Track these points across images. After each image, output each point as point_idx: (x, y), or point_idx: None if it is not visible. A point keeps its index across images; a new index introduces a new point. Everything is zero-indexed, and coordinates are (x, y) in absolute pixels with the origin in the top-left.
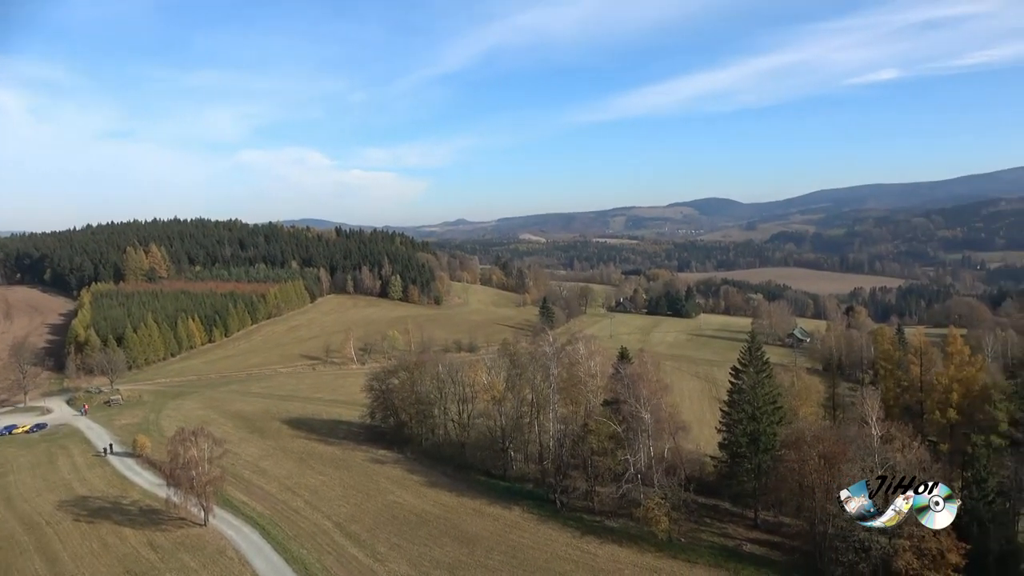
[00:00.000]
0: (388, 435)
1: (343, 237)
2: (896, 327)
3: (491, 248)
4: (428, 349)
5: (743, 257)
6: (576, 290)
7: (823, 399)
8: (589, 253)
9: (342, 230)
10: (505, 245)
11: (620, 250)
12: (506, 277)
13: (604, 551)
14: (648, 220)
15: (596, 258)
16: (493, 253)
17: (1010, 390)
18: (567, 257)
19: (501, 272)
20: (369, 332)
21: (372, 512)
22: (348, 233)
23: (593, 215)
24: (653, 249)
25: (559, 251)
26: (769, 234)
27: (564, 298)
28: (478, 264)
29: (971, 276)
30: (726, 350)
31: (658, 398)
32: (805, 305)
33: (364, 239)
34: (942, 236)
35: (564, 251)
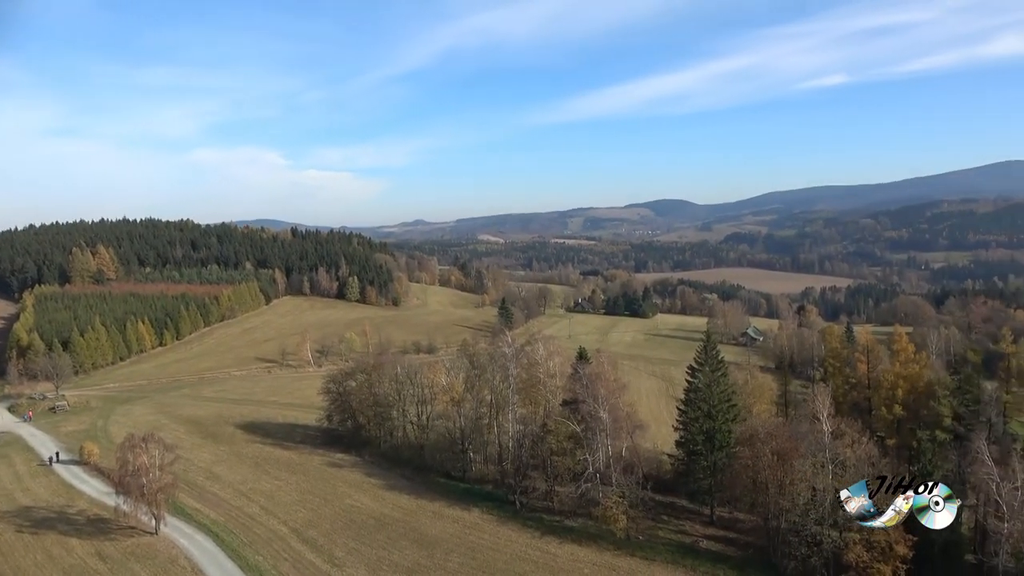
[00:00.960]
0: (346, 438)
1: (299, 238)
2: (845, 326)
3: (450, 249)
4: (386, 351)
5: (698, 258)
6: (535, 291)
7: (776, 396)
8: (548, 254)
9: (298, 231)
10: (464, 246)
11: (578, 251)
12: (465, 278)
13: (563, 551)
14: (606, 221)
15: (555, 259)
16: (452, 254)
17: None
18: (526, 258)
19: (460, 273)
20: (326, 334)
21: (329, 517)
22: (304, 234)
23: (551, 216)
24: (611, 250)
25: (518, 252)
26: (723, 235)
27: (523, 299)
28: (437, 265)
29: (916, 276)
30: (682, 349)
31: (616, 397)
32: (758, 305)
33: (320, 240)
34: (888, 237)
35: (523, 252)
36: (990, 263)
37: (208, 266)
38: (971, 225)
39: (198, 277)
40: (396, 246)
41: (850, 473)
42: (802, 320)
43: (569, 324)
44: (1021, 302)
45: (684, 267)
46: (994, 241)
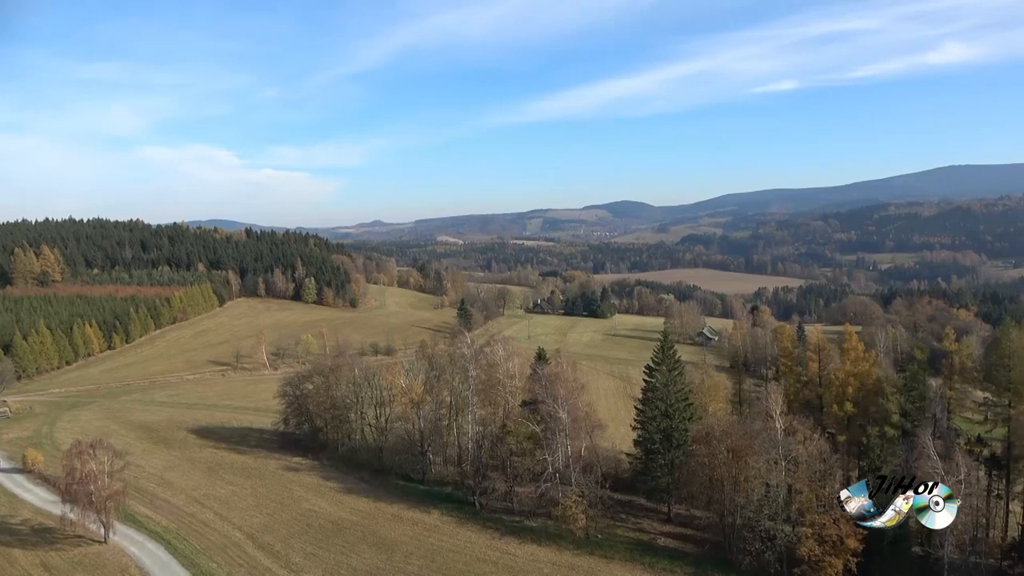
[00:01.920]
0: (303, 442)
1: (254, 238)
2: (797, 325)
3: (408, 250)
4: (344, 353)
5: (655, 258)
6: (494, 292)
7: (730, 395)
8: (507, 255)
9: (252, 231)
10: (423, 247)
11: (537, 252)
12: (424, 279)
13: (523, 551)
14: (564, 222)
15: (514, 260)
16: (410, 255)
17: (900, 383)
18: (485, 259)
19: (419, 274)
20: (282, 336)
21: (286, 521)
22: (259, 234)
23: (510, 217)
24: (569, 251)
25: (477, 253)
26: (680, 236)
27: (482, 300)
28: (395, 266)
29: (864, 276)
30: (640, 349)
31: (575, 397)
32: (713, 305)
33: (276, 241)
34: (838, 239)
35: (482, 253)
36: (934, 264)
37: (159, 267)
38: (916, 227)
39: (148, 279)
40: (354, 247)
41: (802, 469)
42: (756, 320)
43: (528, 325)
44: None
45: (641, 268)
46: (938, 243)
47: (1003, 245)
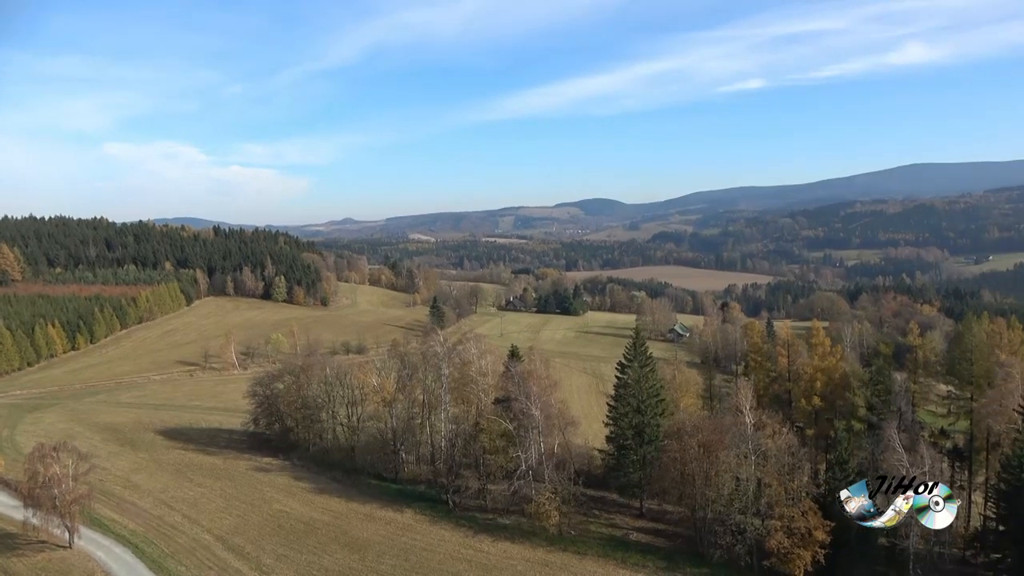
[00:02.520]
0: (273, 442)
1: (222, 236)
2: (766, 321)
3: (380, 248)
4: (315, 352)
5: (627, 256)
6: (466, 289)
7: (701, 391)
8: (479, 252)
9: (221, 229)
10: (394, 245)
11: (509, 249)
12: (396, 277)
13: (497, 548)
14: (536, 220)
15: (486, 257)
16: (382, 253)
17: (866, 377)
18: (457, 256)
19: (390, 272)
20: (251, 335)
21: (257, 523)
22: (227, 232)
23: (482, 215)
24: (542, 248)
25: (449, 251)
26: (651, 234)
27: (454, 298)
28: (366, 264)
29: (831, 273)
30: (612, 346)
31: (548, 395)
32: (684, 301)
33: (245, 239)
34: (806, 236)
35: (454, 250)
36: (899, 260)
37: (124, 266)
38: (881, 224)
39: (114, 278)
40: (324, 245)
41: (771, 463)
42: (726, 316)
43: (501, 322)
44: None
45: (613, 265)
46: (902, 240)
47: (965, 242)
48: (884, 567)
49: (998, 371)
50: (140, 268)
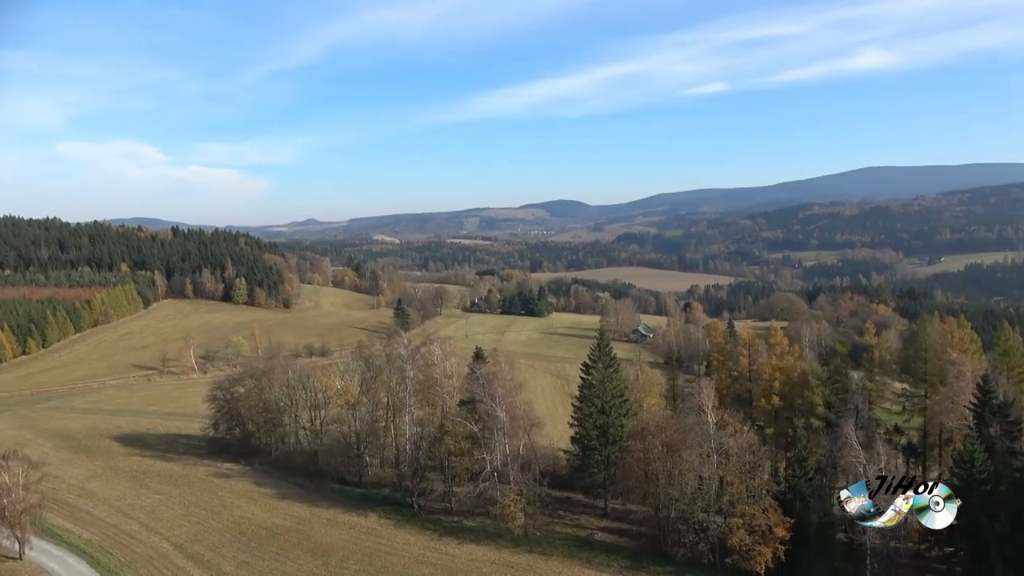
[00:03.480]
0: (234, 447)
1: (181, 238)
2: (727, 322)
3: (343, 249)
4: (277, 355)
5: (591, 257)
6: (431, 291)
7: (665, 391)
8: (444, 254)
9: (179, 230)
10: (358, 246)
11: (474, 251)
12: (359, 279)
13: (462, 551)
14: (501, 221)
15: (451, 259)
16: (345, 254)
17: (824, 376)
18: (422, 258)
19: (354, 274)
20: (211, 339)
21: (217, 530)
22: (186, 233)
23: (447, 216)
24: (506, 249)
25: (413, 252)
26: (615, 235)
27: (419, 299)
28: (330, 265)
29: (790, 273)
30: (577, 347)
31: (513, 396)
32: (648, 302)
33: (204, 240)
34: (766, 237)
35: (419, 252)
36: (855, 261)
37: (79, 268)
38: (838, 226)
39: (67, 280)
40: (286, 246)
41: (733, 461)
42: (688, 317)
43: (466, 324)
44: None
45: (578, 267)
46: (859, 241)
47: (919, 243)
48: (842, 562)
49: (950, 369)
50: (95, 270)
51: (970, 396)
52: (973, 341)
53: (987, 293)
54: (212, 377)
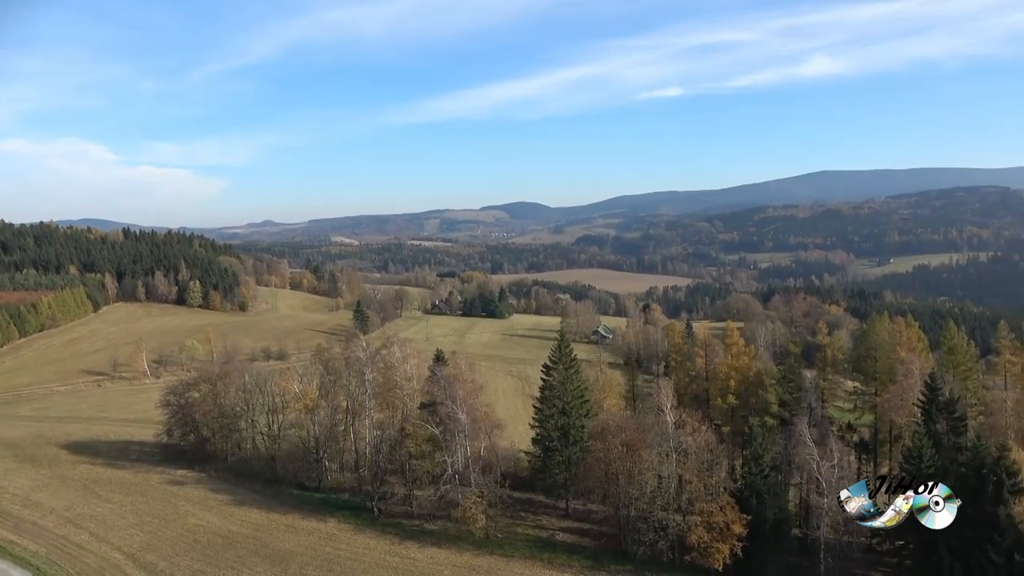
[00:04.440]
0: (189, 453)
1: (132, 239)
2: (685, 322)
3: (301, 251)
4: (233, 358)
5: (552, 259)
6: (391, 293)
7: (624, 391)
8: (404, 256)
9: (131, 232)
10: (316, 248)
11: (435, 252)
12: (318, 281)
13: (423, 554)
14: (462, 223)
15: (411, 261)
16: (303, 256)
17: (779, 376)
18: (381, 260)
19: (312, 276)
20: (165, 343)
21: (171, 538)
22: (138, 235)
23: (407, 217)
24: (467, 251)
25: (373, 254)
26: (575, 237)
27: (379, 301)
28: (287, 268)
29: (746, 275)
30: (537, 348)
31: (474, 398)
32: (608, 304)
33: (157, 241)
34: (722, 239)
35: (378, 254)
36: (808, 263)
37: (23, 270)
38: (792, 229)
39: (11, 283)
40: (243, 248)
41: (691, 460)
42: (647, 318)
43: (426, 326)
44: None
45: (538, 268)
46: (811, 243)
47: (868, 245)
48: (797, 557)
49: (899, 368)
50: (41, 272)
51: (918, 393)
52: (921, 340)
53: (934, 293)
54: (165, 382)
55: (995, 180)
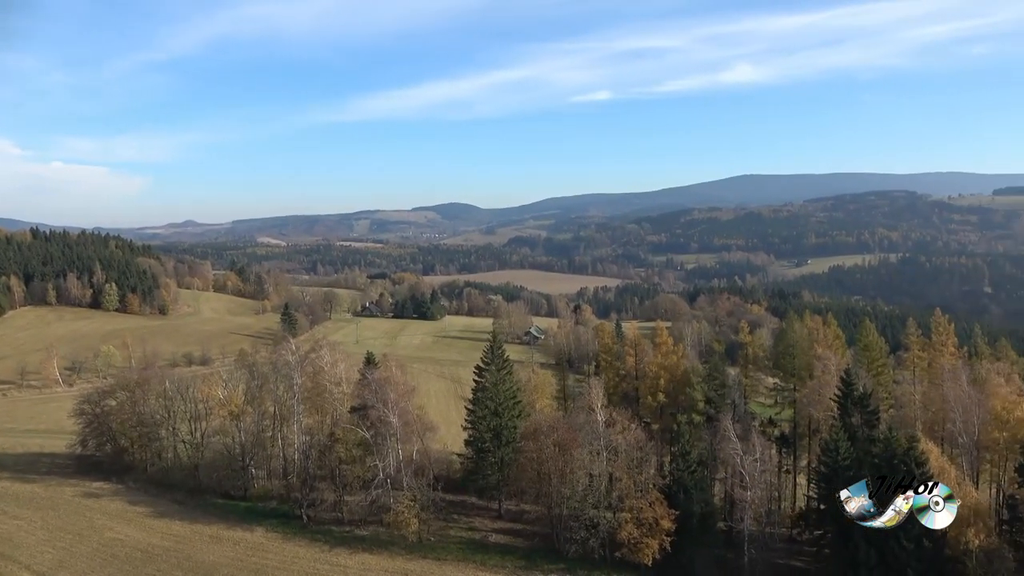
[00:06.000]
0: (105, 464)
1: (41, 240)
2: (615, 322)
3: (226, 252)
4: (153, 364)
5: (484, 260)
6: (320, 295)
7: (556, 391)
8: (333, 257)
9: (40, 232)
10: (242, 249)
11: (365, 254)
12: (243, 283)
13: (354, 561)
14: (393, 224)
15: (341, 262)
16: (228, 257)
17: (704, 373)
18: (310, 261)
19: (237, 278)
20: (78, 349)
21: (86, 555)
22: (48, 235)
23: (337, 218)
24: (398, 253)
25: (301, 255)
26: (507, 238)
27: (307, 304)
28: (211, 269)
29: (673, 276)
30: (470, 350)
31: (406, 401)
32: (540, 305)
33: (70, 242)
34: (650, 241)
35: (307, 255)
36: (732, 264)
37: None
38: (716, 231)
39: None
40: (163, 249)
41: (622, 457)
42: (578, 318)
43: (357, 329)
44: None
45: (470, 270)
46: (734, 245)
47: (788, 247)
48: (723, 549)
49: (816, 364)
50: None
51: (834, 389)
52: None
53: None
54: (79, 390)
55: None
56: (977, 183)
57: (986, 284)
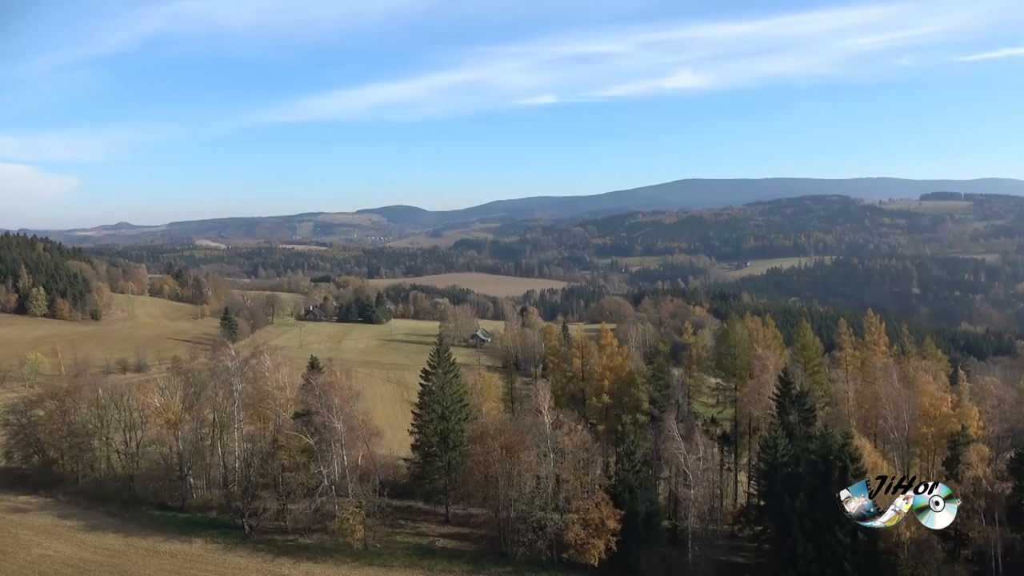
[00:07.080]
0: (32, 477)
1: None
2: (561, 325)
3: (162, 255)
4: (84, 372)
5: (430, 263)
6: (261, 299)
7: (503, 394)
8: (275, 260)
9: None
10: (179, 251)
11: (309, 257)
12: (181, 287)
13: (298, 570)
14: (337, 226)
15: (283, 265)
16: (165, 260)
17: (649, 374)
18: (251, 264)
19: (175, 281)
20: (2, 356)
21: (11, 573)
22: None
23: (279, 220)
24: (343, 256)
25: (242, 258)
26: (453, 241)
27: (248, 308)
28: (146, 273)
29: (618, 278)
30: (416, 353)
31: (350, 406)
32: (486, 307)
33: None
34: (596, 244)
35: (247, 258)
36: (675, 266)
37: None
38: (660, 234)
39: None
40: (95, 251)
41: (568, 459)
42: (525, 321)
43: (300, 333)
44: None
45: (416, 272)
46: (677, 247)
47: (728, 249)
48: (667, 547)
49: (756, 364)
50: None
51: (773, 388)
52: (776, 338)
53: (785, 294)
54: (4, 400)
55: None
56: (906, 188)
57: (914, 285)
